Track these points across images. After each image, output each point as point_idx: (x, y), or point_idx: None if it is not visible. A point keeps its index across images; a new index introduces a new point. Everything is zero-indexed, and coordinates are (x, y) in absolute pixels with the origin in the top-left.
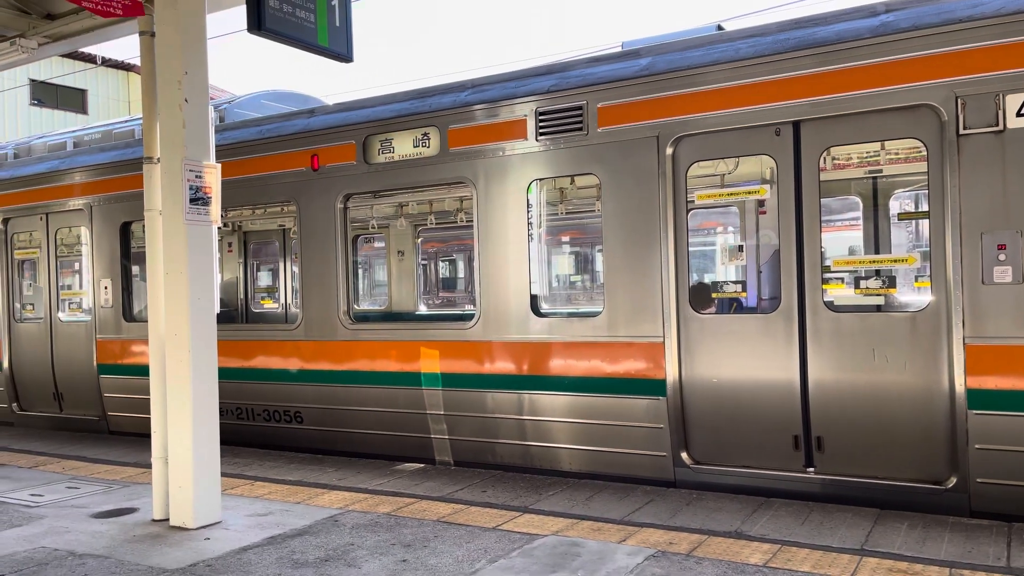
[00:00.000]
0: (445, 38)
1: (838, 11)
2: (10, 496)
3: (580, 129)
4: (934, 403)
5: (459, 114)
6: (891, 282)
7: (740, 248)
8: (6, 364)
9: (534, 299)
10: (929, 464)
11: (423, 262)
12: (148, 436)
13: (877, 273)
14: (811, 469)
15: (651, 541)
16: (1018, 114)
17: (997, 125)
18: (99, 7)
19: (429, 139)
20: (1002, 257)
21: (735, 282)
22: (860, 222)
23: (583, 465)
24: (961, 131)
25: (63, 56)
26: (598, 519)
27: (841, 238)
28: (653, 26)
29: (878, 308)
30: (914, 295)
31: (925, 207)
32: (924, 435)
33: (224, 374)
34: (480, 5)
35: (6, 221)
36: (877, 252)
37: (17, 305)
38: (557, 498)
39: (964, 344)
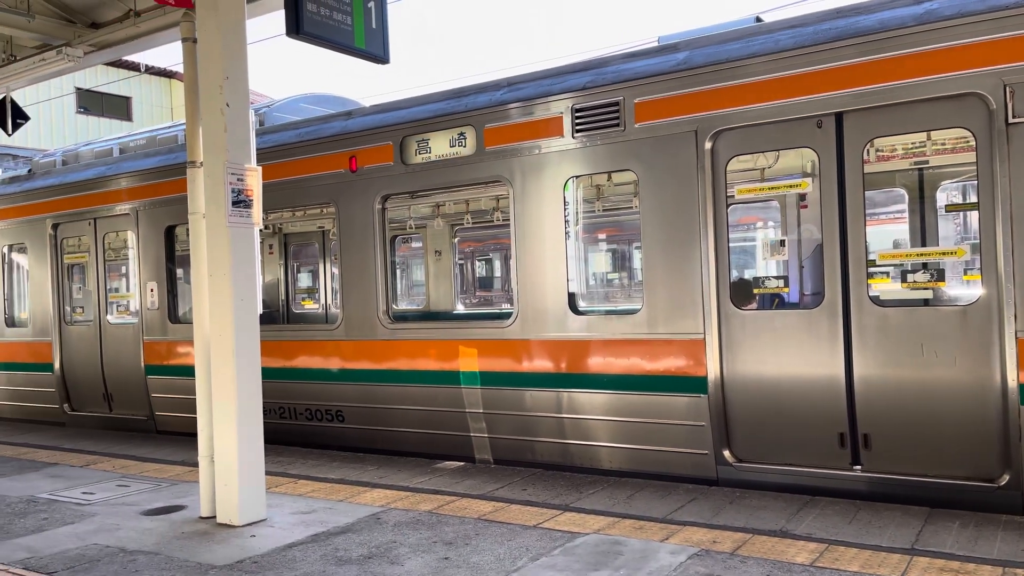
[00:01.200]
0: (479, 37)
1: (881, 0)
2: (63, 494)
3: (617, 125)
4: (986, 399)
5: (495, 113)
6: (939, 275)
7: (782, 243)
8: (57, 366)
9: (572, 297)
10: (981, 461)
11: (460, 261)
12: (194, 435)
13: (924, 266)
14: (858, 467)
15: (694, 540)
16: None
17: None
18: None
19: (465, 138)
20: None
21: (777, 277)
22: (906, 215)
23: (623, 463)
24: (1010, 120)
25: (107, 64)
26: (640, 517)
27: (886, 231)
28: (689, 20)
29: (926, 302)
30: (964, 288)
31: (973, 198)
32: (975, 432)
33: (267, 374)
34: (514, 4)
35: (56, 226)
36: (924, 245)
37: (67, 308)
38: (598, 496)
39: (1016, 338)
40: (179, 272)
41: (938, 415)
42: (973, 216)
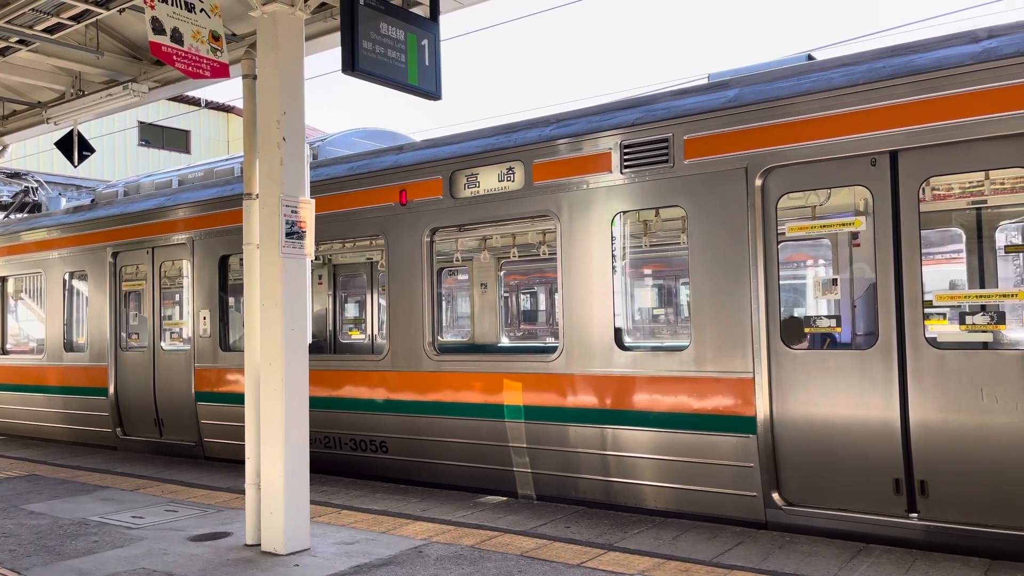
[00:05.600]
0: (530, 74)
1: (937, 38)
2: (113, 518)
3: (666, 161)
4: None
5: (544, 148)
6: (1000, 318)
7: (834, 281)
8: (112, 390)
9: (618, 332)
10: None
11: (505, 294)
12: (241, 462)
13: (983, 308)
14: (914, 515)
15: None
16: None
17: None
18: (190, 69)
19: (514, 173)
20: None
21: (829, 316)
22: (963, 255)
23: (668, 503)
24: None
25: (169, 99)
26: (686, 559)
27: (941, 272)
28: (739, 58)
29: (985, 345)
30: None
31: None
32: None
33: (313, 403)
34: (564, 41)
35: (116, 255)
36: (982, 286)
37: (123, 335)
38: (642, 536)
39: None
40: (231, 300)
41: (998, 462)
42: None
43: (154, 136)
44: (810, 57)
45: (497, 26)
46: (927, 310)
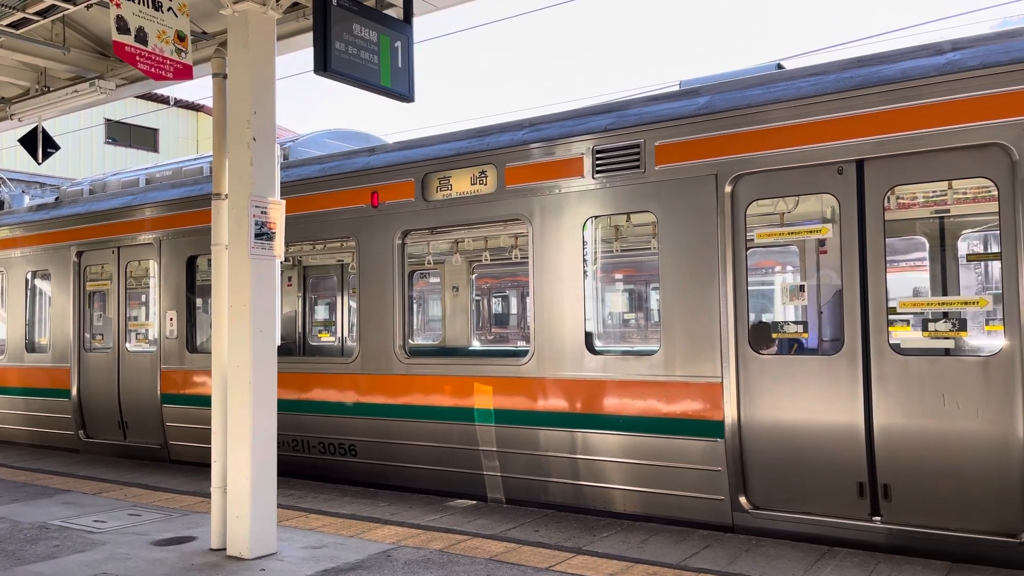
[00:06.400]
0: (503, 78)
1: (903, 49)
2: (74, 522)
3: (637, 167)
4: (1008, 452)
5: (516, 152)
6: (961, 325)
7: (801, 288)
8: (74, 392)
9: (588, 336)
10: (1003, 516)
11: (477, 298)
12: (207, 465)
13: (946, 316)
14: (877, 518)
15: None
16: None
17: None
18: (153, 70)
19: (486, 177)
20: None
21: (796, 322)
22: (926, 263)
23: (637, 507)
24: None
25: (136, 97)
26: (654, 563)
27: (906, 279)
28: (710, 66)
29: (947, 352)
30: (986, 339)
31: (995, 248)
32: (998, 485)
33: (281, 406)
34: (536, 47)
35: (80, 254)
36: (945, 294)
37: (87, 335)
38: (611, 540)
39: None
40: (199, 302)
41: (960, 467)
42: (995, 266)
43: (121, 134)
44: (780, 66)
45: (472, 29)
46: (891, 317)
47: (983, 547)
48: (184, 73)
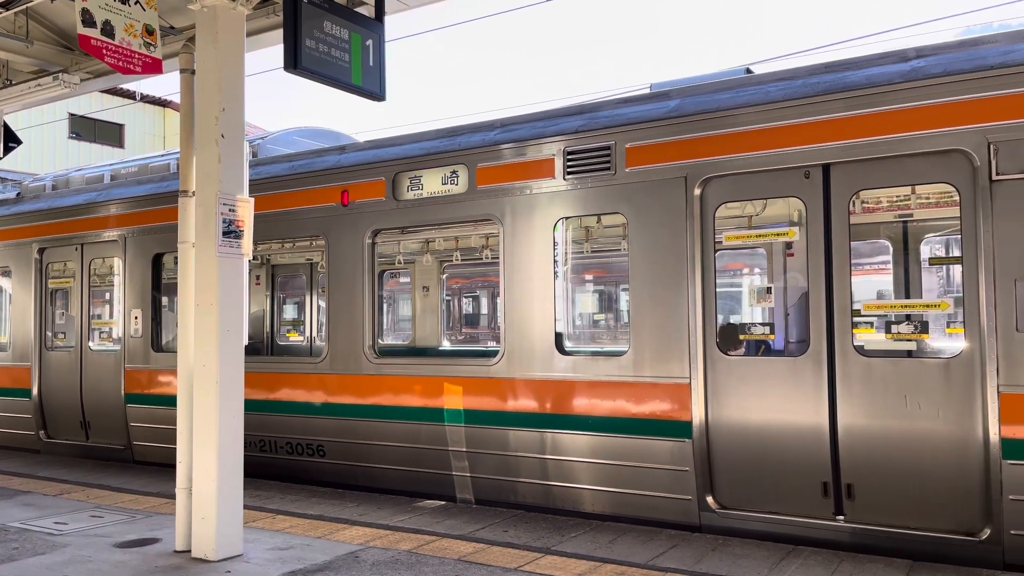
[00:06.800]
0: (475, 78)
1: (869, 56)
2: (35, 524)
3: (608, 169)
4: (968, 452)
5: (488, 153)
6: (923, 327)
7: (768, 290)
8: (35, 392)
9: (559, 337)
10: (963, 515)
11: (448, 298)
12: (172, 466)
13: (908, 318)
14: (841, 517)
15: None
16: None
17: None
18: (120, 64)
19: (458, 177)
20: None
21: (763, 324)
22: (890, 266)
23: (606, 507)
24: (994, 177)
25: (102, 92)
26: (622, 563)
27: (870, 282)
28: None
29: (909, 354)
30: (947, 341)
31: (957, 252)
32: (958, 485)
33: (248, 406)
34: (508, 47)
35: (42, 251)
36: (907, 297)
37: (49, 334)
38: (580, 540)
39: (999, 392)
40: (164, 300)
41: (921, 467)
42: (956, 270)
43: (86, 129)
44: (749, 70)
45: (444, 28)
46: (855, 319)
47: (944, 546)
48: (153, 67)
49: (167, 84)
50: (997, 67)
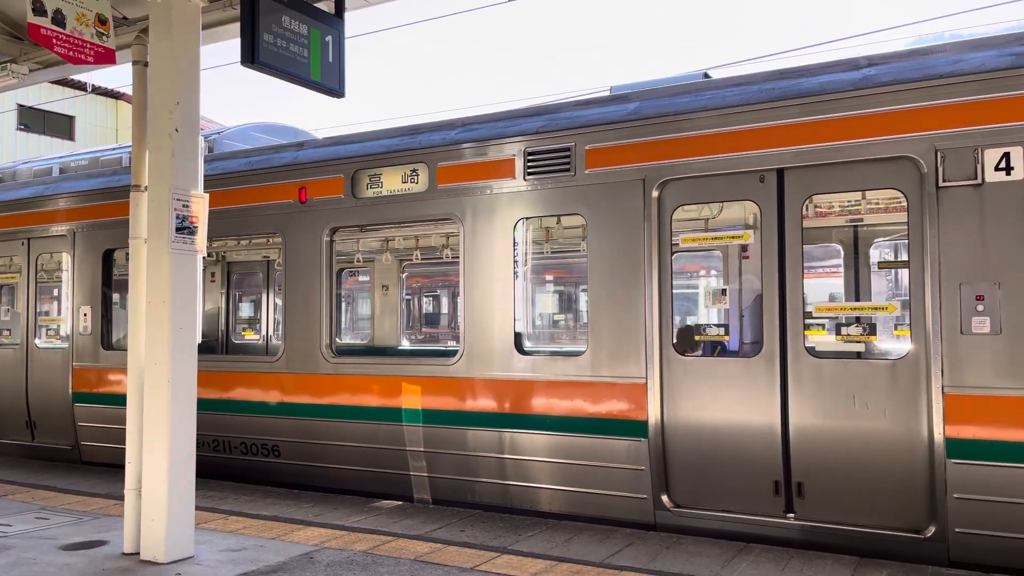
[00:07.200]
0: (436, 76)
1: (822, 63)
2: None
3: (567, 170)
4: (914, 451)
5: (449, 152)
6: (872, 329)
7: (723, 292)
8: None
9: (518, 337)
10: (909, 513)
11: (407, 297)
12: (121, 467)
13: (858, 320)
14: (791, 515)
15: None
16: (996, 168)
17: (976, 178)
18: (71, 54)
19: (418, 175)
20: (980, 308)
21: (718, 325)
22: (841, 269)
23: (563, 506)
24: (941, 183)
25: (52, 83)
26: (578, 561)
27: (822, 285)
28: (641, 72)
29: (858, 355)
30: (894, 343)
31: (905, 256)
32: (904, 483)
33: (201, 405)
34: (468, 46)
35: None
36: (858, 299)
37: None
38: (536, 539)
39: (943, 393)
40: (115, 297)
41: (869, 466)
42: (904, 273)
43: (35, 121)
44: (706, 75)
45: (405, 26)
46: (807, 321)
47: (890, 543)
48: (106, 57)
49: (120, 75)
50: (945, 76)
